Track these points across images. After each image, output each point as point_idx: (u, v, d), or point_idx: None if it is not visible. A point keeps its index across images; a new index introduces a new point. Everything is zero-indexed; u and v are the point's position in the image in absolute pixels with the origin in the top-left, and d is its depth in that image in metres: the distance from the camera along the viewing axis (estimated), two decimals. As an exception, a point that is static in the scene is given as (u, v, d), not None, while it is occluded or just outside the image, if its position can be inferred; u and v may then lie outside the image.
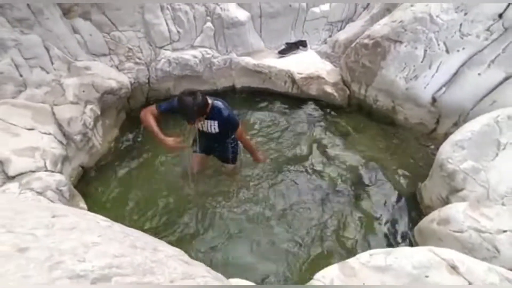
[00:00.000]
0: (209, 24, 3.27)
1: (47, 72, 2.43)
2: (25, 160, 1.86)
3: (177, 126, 2.63)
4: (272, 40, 3.69)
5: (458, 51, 2.39)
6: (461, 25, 2.37)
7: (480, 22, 2.29)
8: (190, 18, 3.19)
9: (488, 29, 2.26)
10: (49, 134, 2.11)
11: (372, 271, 1.14)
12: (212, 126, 2.04)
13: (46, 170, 1.91)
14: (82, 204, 2.06)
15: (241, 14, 3.28)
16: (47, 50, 2.45)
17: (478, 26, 2.29)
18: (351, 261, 1.20)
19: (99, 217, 0.81)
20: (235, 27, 3.27)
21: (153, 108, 1.91)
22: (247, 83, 3.56)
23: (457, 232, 1.52)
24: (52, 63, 2.48)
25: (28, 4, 2.28)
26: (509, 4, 2.14)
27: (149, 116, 1.87)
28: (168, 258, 0.72)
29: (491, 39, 2.25)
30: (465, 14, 2.36)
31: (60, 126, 2.23)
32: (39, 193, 1.75)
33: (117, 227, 0.78)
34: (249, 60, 3.39)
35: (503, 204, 1.62)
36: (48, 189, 1.79)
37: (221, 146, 2.26)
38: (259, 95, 3.51)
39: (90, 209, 1.99)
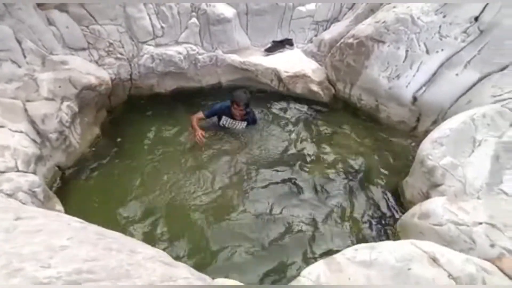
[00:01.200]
0: (194, 20, 3.20)
1: (19, 66, 2.27)
2: (-7, 159, 1.72)
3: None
4: (259, 38, 3.67)
5: (437, 52, 2.47)
6: (440, 27, 2.46)
7: (458, 25, 2.38)
8: (175, 13, 3.11)
9: (465, 31, 2.36)
10: (21, 132, 1.97)
11: (358, 266, 1.15)
12: (240, 125, 2.78)
13: (18, 171, 1.78)
14: (59, 206, 1.94)
15: (227, 11, 3.23)
16: (19, 42, 2.29)
17: (456, 28, 2.39)
18: (337, 256, 1.21)
19: (73, 219, 0.76)
20: (221, 23, 3.22)
21: (199, 114, 2.69)
22: (233, 80, 3.52)
23: (436, 226, 1.57)
24: (25, 57, 2.33)
25: (-4, -7, 2.13)
26: (484, 8, 2.23)
27: (194, 118, 2.65)
28: (146, 260, 0.68)
29: (468, 41, 2.35)
30: (444, 16, 2.45)
31: (33, 123, 2.09)
32: (9, 195, 1.63)
33: (92, 228, 0.73)
34: (235, 58, 3.35)
35: (478, 198, 1.69)
36: (19, 191, 1.67)
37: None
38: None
39: (68, 211, 1.89)
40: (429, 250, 1.24)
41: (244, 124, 2.76)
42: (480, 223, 1.53)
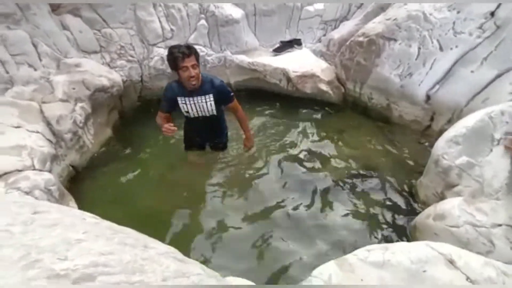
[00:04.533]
0: (203, 21, 3.23)
1: (35, 69, 2.36)
2: (11, 158, 1.78)
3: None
4: (267, 38, 3.67)
5: (451, 49, 2.41)
6: (454, 23, 2.39)
7: (472, 20, 2.31)
8: (184, 16, 3.15)
9: (480, 27, 2.28)
10: (37, 132, 2.03)
11: (370, 267, 1.12)
12: (208, 102, 1.90)
13: (34, 169, 1.84)
14: (73, 204, 1.99)
15: (236, 12, 3.25)
16: (35, 46, 2.38)
17: (471, 24, 2.31)
18: (349, 257, 1.18)
19: (86, 214, 0.77)
20: (230, 25, 3.24)
21: (158, 113, 2.02)
22: (242, 81, 3.53)
23: (453, 227, 1.51)
24: (41, 60, 2.41)
25: (14, -1, 2.21)
26: (500, 3, 2.16)
27: (157, 119, 2.02)
28: (160, 255, 0.68)
29: (484, 37, 2.27)
30: (458, 12, 2.38)
31: (49, 124, 2.16)
32: (27, 193, 1.68)
33: (106, 224, 0.74)
34: (243, 58, 3.36)
35: (497, 199, 1.63)
36: (36, 189, 1.72)
37: (218, 130, 2.15)
38: (254, 93, 3.49)
39: (81, 209, 1.92)
40: (446, 252, 1.19)
41: (210, 98, 1.89)
42: (500, 225, 1.46)
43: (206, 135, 2.19)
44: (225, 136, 2.29)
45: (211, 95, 1.90)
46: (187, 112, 1.96)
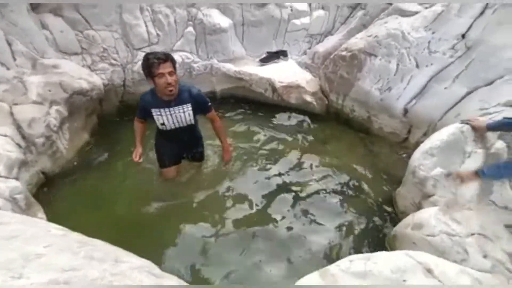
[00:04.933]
0: (190, 28, 3.23)
1: (8, 68, 2.22)
2: (-26, 163, 1.64)
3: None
4: (254, 48, 3.72)
5: (426, 66, 2.55)
6: (429, 42, 2.55)
7: (446, 41, 2.48)
8: (171, 22, 3.13)
9: (452, 48, 2.45)
10: (5, 136, 1.90)
11: (352, 277, 1.12)
12: (186, 112, 1.80)
13: (-1, 176, 1.70)
14: (41, 214, 1.85)
15: (224, 21, 3.28)
16: (9, 44, 2.25)
17: (444, 44, 2.48)
18: (332, 268, 1.18)
19: (52, 225, 0.71)
20: (217, 33, 3.26)
21: (135, 118, 1.95)
22: (228, 89, 3.54)
23: (429, 236, 1.56)
24: (15, 59, 2.28)
25: (-11, -6, 2.10)
26: (471, 25, 2.33)
27: (135, 125, 1.98)
28: (132, 270, 0.63)
29: (456, 57, 2.43)
30: (433, 33, 2.55)
31: (19, 127, 2.02)
32: (-12, 201, 1.55)
33: (74, 236, 0.68)
34: (230, 67, 3.37)
35: (469, 209, 1.71)
36: (-1, 197, 1.59)
37: (195, 140, 2.08)
38: (239, 102, 3.49)
39: (51, 219, 1.80)
40: (423, 260, 1.22)
41: (188, 108, 1.81)
42: (473, 234, 1.53)
43: (184, 145, 2.10)
44: (201, 145, 2.24)
45: (189, 105, 1.80)
46: (163, 124, 1.82)
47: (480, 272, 1.28)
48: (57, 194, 2.15)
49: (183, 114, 1.81)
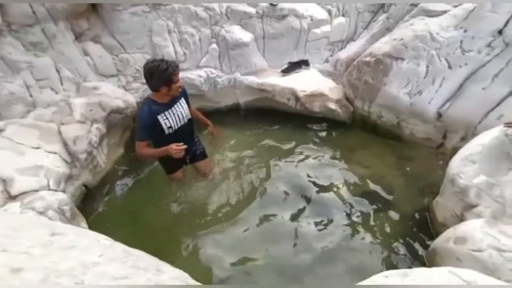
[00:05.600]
0: (214, 45, 3.38)
1: (56, 93, 2.50)
2: (29, 179, 1.85)
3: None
4: (275, 60, 3.79)
5: (460, 66, 2.41)
6: (461, 42, 2.41)
7: (480, 39, 2.33)
8: (196, 40, 3.31)
9: (489, 45, 2.29)
10: (55, 153, 2.11)
11: (389, 295, 1.05)
12: (183, 106, 1.90)
13: (49, 189, 1.89)
14: (84, 224, 2.01)
15: (245, 36, 3.40)
16: (58, 72, 2.54)
17: (479, 42, 2.33)
18: (365, 284, 1.12)
19: (100, 236, 0.77)
20: (239, 48, 3.38)
21: (140, 144, 1.84)
22: (251, 101, 3.61)
23: (476, 251, 1.42)
24: (62, 84, 2.56)
25: (42, 29, 2.40)
26: (508, 20, 2.18)
27: (144, 150, 1.84)
28: (172, 279, 0.67)
29: (493, 55, 2.27)
30: (465, 31, 2.41)
31: (65, 144, 2.24)
32: (41, 213, 1.72)
33: (118, 246, 0.74)
34: (253, 79, 3.45)
35: (522, 221, 1.54)
36: (49, 209, 1.76)
37: (194, 135, 2.12)
38: (263, 113, 3.54)
39: (92, 229, 1.94)
40: (471, 279, 1.11)
41: (183, 101, 1.94)
42: (528, 250, 1.37)
43: (189, 144, 2.02)
44: (199, 141, 2.25)
45: (182, 98, 1.93)
46: (170, 127, 1.87)
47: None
48: (96, 205, 2.32)
49: (182, 109, 1.91)
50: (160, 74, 1.72)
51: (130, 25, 3.00)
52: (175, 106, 1.88)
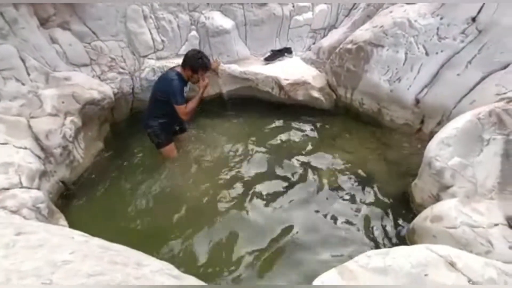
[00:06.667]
0: (194, 32, 3.26)
1: (23, 84, 2.31)
2: (-3, 176, 1.72)
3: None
4: (258, 48, 3.71)
5: (437, 53, 2.48)
6: (438, 28, 2.47)
7: (455, 26, 2.39)
8: (174, 27, 3.17)
9: (463, 32, 2.36)
10: (25, 148, 1.98)
11: (372, 273, 1.10)
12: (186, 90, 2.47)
13: (22, 187, 1.77)
14: (63, 221, 1.91)
15: (226, 23, 3.29)
16: (23, 60, 2.34)
17: (454, 29, 2.39)
18: (350, 264, 1.16)
19: (75, 232, 0.73)
20: (220, 35, 3.28)
21: (181, 107, 2.31)
22: (234, 90, 3.54)
23: (450, 228, 1.51)
24: (29, 74, 2.36)
25: (1, 13, 2.18)
26: (481, 8, 2.25)
27: (189, 109, 2.33)
28: (154, 273, 0.65)
29: (467, 41, 2.35)
30: (441, 18, 2.47)
31: (37, 139, 2.10)
32: (13, 212, 1.61)
33: (96, 241, 0.70)
34: (235, 68, 3.38)
35: (491, 198, 1.64)
36: (23, 207, 1.66)
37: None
38: (246, 101, 3.49)
39: (72, 226, 1.86)
40: (446, 254, 1.18)
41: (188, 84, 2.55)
42: (496, 224, 1.47)
43: (179, 121, 2.65)
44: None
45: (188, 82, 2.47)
46: (185, 94, 2.44)
47: (507, 264, 1.23)
48: (76, 201, 2.22)
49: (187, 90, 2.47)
50: (202, 60, 2.32)
51: (102, 10, 2.81)
52: (187, 86, 2.46)
